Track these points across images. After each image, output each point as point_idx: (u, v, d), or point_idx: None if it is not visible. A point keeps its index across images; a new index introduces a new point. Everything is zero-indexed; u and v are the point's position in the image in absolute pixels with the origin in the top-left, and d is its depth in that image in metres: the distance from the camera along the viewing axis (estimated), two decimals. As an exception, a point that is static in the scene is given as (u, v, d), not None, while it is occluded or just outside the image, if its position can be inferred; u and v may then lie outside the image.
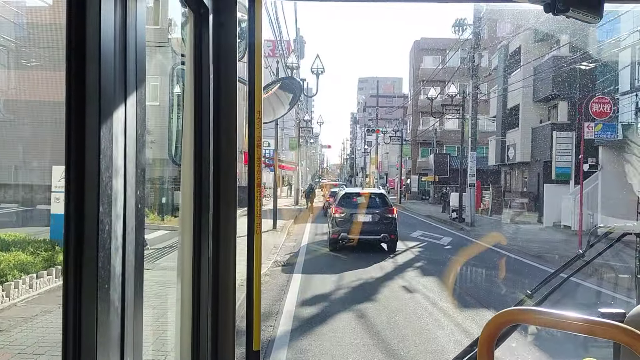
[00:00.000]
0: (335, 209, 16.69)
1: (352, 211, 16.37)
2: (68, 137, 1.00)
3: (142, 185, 1.17)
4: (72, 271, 1.00)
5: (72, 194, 1.00)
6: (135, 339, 1.14)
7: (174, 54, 4.95)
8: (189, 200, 1.69)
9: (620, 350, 1.80)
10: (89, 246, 1.00)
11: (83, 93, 1.00)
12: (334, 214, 16.55)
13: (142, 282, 1.17)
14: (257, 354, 1.71)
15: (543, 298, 2.47)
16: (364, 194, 17.59)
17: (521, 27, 31.15)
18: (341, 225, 16.11)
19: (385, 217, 16.26)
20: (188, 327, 1.69)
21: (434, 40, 56.67)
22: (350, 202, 17.02)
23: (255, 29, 1.67)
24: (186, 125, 1.71)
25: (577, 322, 1.08)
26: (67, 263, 1.00)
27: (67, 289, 1.00)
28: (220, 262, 1.73)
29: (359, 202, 17.02)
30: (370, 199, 17.09)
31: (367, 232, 16.03)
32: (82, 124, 1.00)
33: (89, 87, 1.00)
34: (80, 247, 1.00)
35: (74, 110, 1.00)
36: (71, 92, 1.00)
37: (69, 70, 1.00)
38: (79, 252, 1.00)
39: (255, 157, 1.69)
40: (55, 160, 12.64)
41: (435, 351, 7.00)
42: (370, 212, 16.37)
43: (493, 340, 1.18)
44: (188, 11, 1.66)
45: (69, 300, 1.00)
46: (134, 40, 1.12)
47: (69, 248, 1.00)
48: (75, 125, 1.00)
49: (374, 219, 16.22)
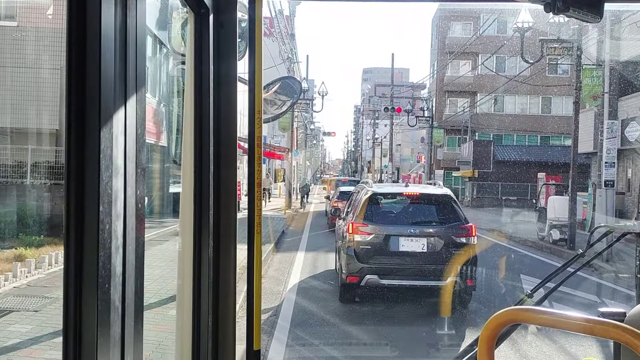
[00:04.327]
0: (353, 226, 9.00)
1: (389, 231, 8.95)
2: (68, 137, 1.00)
3: (142, 185, 1.17)
4: (72, 271, 1.00)
5: (72, 194, 1.00)
6: (136, 339, 1.15)
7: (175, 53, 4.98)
8: (189, 200, 1.69)
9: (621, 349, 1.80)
10: (89, 246, 1.00)
11: (83, 93, 1.01)
12: (351, 234, 8.95)
13: (142, 282, 1.18)
14: (258, 354, 1.71)
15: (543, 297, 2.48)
16: (412, 195, 9.78)
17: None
18: (366, 258, 8.78)
19: (456, 244, 8.86)
20: (188, 327, 1.69)
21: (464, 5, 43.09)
22: (383, 212, 9.67)
23: (255, 29, 1.67)
24: (186, 125, 1.71)
25: (577, 322, 1.08)
26: (68, 263, 1.01)
27: (67, 289, 1.01)
28: (220, 262, 1.73)
29: (401, 213, 9.67)
30: (424, 208, 9.85)
31: (419, 274, 8.80)
32: (82, 124, 1.01)
33: (89, 87, 1.01)
34: (81, 247, 1.00)
35: (74, 110, 1.00)
36: (71, 92, 1.00)
37: (69, 70, 1.00)
38: (79, 252, 1.00)
39: (255, 157, 1.69)
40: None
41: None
42: (426, 232, 9.00)
43: (493, 339, 1.18)
44: (188, 11, 1.67)
45: (69, 299, 1.00)
46: (134, 40, 1.12)
47: (69, 248, 1.00)
48: (75, 125, 1.00)
49: (434, 247, 8.84)
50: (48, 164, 12.35)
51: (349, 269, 8.76)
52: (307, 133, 50.85)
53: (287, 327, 7.56)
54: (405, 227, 9.04)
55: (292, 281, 10.54)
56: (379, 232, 8.92)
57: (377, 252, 8.84)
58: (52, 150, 12.59)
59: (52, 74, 11.81)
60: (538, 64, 20.23)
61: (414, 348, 7.15)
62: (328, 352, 6.82)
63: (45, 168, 12.27)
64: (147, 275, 1.25)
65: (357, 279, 8.70)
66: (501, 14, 26.99)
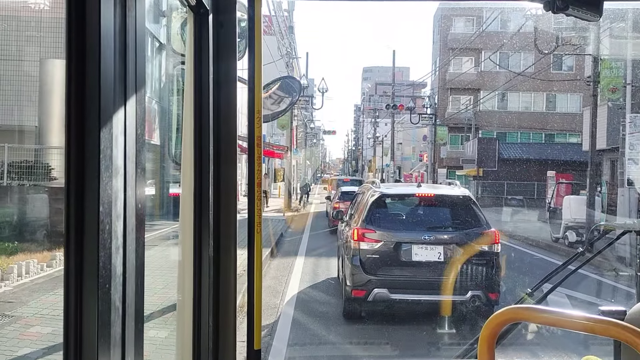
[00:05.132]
0: (359, 232, 7.92)
1: (400, 238, 7.87)
2: (68, 137, 1.00)
3: (142, 186, 1.17)
4: (73, 271, 1.00)
5: (72, 194, 1.00)
6: (137, 339, 1.15)
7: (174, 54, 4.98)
8: (189, 200, 1.69)
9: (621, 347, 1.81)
10: (90, 246, 1.01)
11: (83, 93, 1.01)
12: (357, 242, 7.90)
13: (142, 282, 1.18)
14: (258, 353, 1.72)
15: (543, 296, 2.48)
16: (426, 197, 8.64)
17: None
18: (374, 269, 7.74)
19: (477, 252, 7.75)
20: (189, 326, 1.70)
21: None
22: (393, 216, 8.68)
23: (255, 29, 1.67)
24: (186, 125, 1.71)
25: (577, 320, 1.08)
26: (68, 263, 1.01)
27: (68, 289, 1.01)
28: (220, 261, 1.74)
29: (413, 217, 8.62)
30: (440, 211, 8.72)
31: (435, 287, 7.68)
32: (82, 124, 1.01)
33: (89, 87, 1.01)
34: (81, 247, 1.01)
35: (74, 110, 1.00)
36: (71, 92, 1.00)
37: (69, 70, 1.00)
38: (79, 252, 1.01)
39: (255, 157, 1.70)
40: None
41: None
42: (442, 239, 7.85)
43: (494, 338, 1.18)
44: (188, 11, 1.67)
45: (70, 300, 1.01)
46: (134, 40, 1.12)
47: (69, 248, 1.00)
48: (75, 125, 1.00)
49: (452, 256, 7.73)
50: (27, 163, 11.36)
51: (354, 282, 7.71)
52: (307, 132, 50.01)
53: (284, 351, 6.66)
54: (419, 233, 7.91)
55: (290, 292, 9.46)
56: (389, 239, 7.86)
57: (386, 262, 7.80)
58: (30, 149, 11.69)
59: (32, 66, 11.11)
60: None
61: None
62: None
63: (24, 168, 11.26)
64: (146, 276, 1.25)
65: (363, 293, 7.65)
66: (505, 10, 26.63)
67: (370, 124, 59.42)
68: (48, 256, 8.44)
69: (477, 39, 31.49)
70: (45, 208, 10.24)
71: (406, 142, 54.99)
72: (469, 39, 34.12)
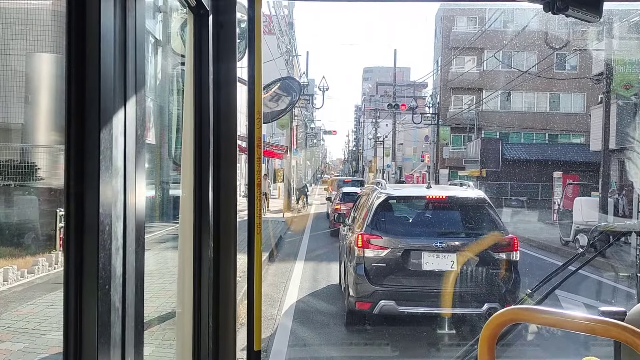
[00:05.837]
0: (363, 238, 7.23)
1: (409, 244, 7.19)
2: (68, 137, 1.00)
3: (143, 186, 1.17)
4: (72, 272, 1.00)
5: (72, 194, 1.00)
6: (136, 339, 1.15)
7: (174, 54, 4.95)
8: (189, 200, 1.69)
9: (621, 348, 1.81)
10: (90, 247, 1.01)
11: (83, 93, 1.01)
12: (361, 249, 7.22)
13: (142, 282, 1.18)
14: (258, 354, 1.72)
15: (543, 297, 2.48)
16: (437, 199, 7.88)
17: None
18: (380, 279, 7.07)
19: (493, 260, 7.12)
20: (189, 327, 1.70)
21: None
22: (401, 221, 8.09)
23: (255, 29, 1.67)
24: (186, 126, 1.71)
25: (577, 321, 1.08)
26: (68, 264, 1.01)
27: (68, 290, 1.01)
28: (220, 262, 1.74)
29: (423, 221, 7.99)
30: (453, 215, 7.99)
31: (448, 299, 7.04)
32: (82, 124, 1.01)
33: (89, 88, 1.01)
34: (81, 248, 1.00)
35: (74, 111, 1.00)
36: (71, 93, 1.00)
37: (69, 70, 1.00)
38: (79, 253, 1.00)
39: (255, 157, 1.70)
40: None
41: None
42: (455, 246, 7.18)
43: (494, 339, 1.18)
44: (188, 12, 1.67)
45: (70, 301, 1.01)
46: (134, 41, 1.12)
47: (69, 248, 1.00)
48: (75, 126, 1.00)
49: (466, 265, 7.07)
50: (12, 162, 10.78)
51: (359, 292, 7.04)
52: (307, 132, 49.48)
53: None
54: (429, 239, 7.23)
55: (288, 301, 8.89)
56: (396, 246, 7.14)
57: (393, 272, 7.10)
58: (17, 148, 11.11)
59: (18, 60, 10.65)
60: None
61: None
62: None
63: (9, 167, 10.61)
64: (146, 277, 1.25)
65: (368, 305, 7.00)
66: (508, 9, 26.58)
67: (371, 124, 59.07)
68: (30, 261, 7.72)
69: (480, 38, 31.27)
70: (30, 210, 9.94)
71: (407, 142, 55.01)
72: (471, 38, 33.94)
